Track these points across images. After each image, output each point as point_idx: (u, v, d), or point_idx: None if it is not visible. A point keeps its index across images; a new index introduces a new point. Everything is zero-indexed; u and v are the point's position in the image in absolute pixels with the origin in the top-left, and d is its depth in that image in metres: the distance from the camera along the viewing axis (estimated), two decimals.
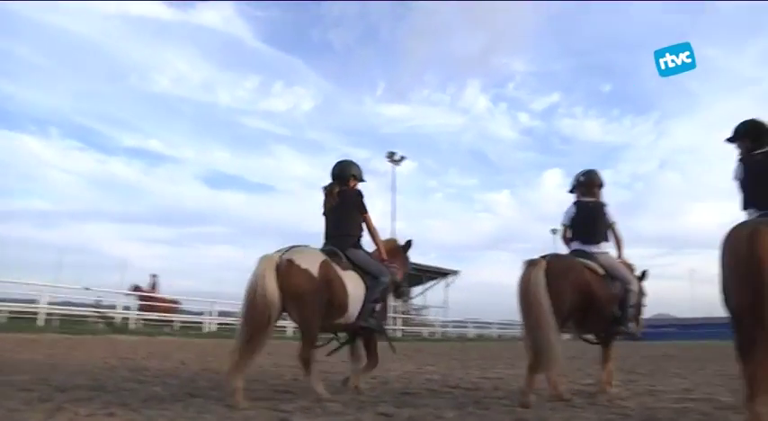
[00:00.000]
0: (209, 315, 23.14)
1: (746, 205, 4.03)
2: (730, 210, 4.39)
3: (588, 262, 4.83)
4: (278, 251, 4.31)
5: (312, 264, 4.27)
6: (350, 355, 5.05)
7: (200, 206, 79.91)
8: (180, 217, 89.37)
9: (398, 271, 5.34)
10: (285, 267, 4.14)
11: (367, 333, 4.89)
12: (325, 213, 5.06)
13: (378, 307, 4.80)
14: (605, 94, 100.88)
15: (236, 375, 3.92)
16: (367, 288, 4.68)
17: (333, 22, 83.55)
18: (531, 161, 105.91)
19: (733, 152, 4.36)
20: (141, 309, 20.94)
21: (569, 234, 5.26)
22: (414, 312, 40.90)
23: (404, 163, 36.42)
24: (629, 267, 5.29)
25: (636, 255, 5.40)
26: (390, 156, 35.20)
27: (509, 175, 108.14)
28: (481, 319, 39.37)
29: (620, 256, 5.22)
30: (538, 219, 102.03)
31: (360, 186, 5.23)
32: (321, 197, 5.11)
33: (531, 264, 4.50)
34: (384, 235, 5.43)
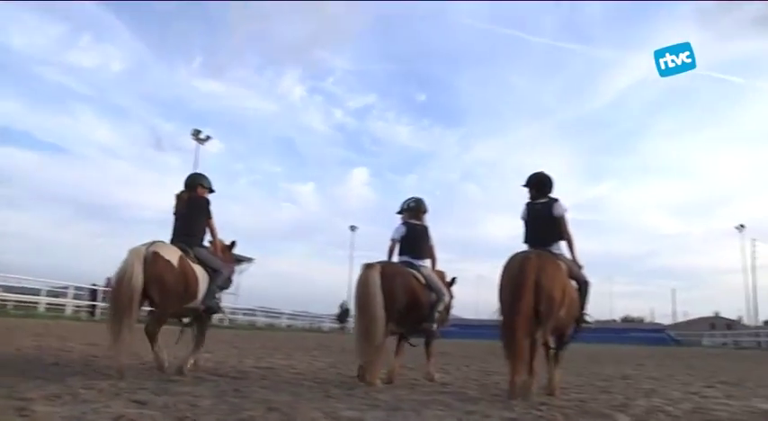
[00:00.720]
0: None
1: (526, 240, 5.47)
2: (519, 225, 5.39)
3: (414, 271, 5.88)
4: (143, 244, 5.09)
5: (173, 256, 5.19)
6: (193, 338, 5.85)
7: None
8: None
9: (229, 267, 6.20)
10: (152, 258, 4.97)
11: (203, 318, 5.85)
12: (175, 215, 5.83)
13: (218, 294, 5.84)
14: (419, 103, 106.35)
15: (118, 352, 4.70)
16: (210, 279, 5.61)
17: None
18: (340, 157, 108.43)
19: (524, 195, 5.57)
20: None
21: (396, 248, 6.20)
22: None
23: (210, 142, 35.66)
24: (442, 275, 6.54)
25: None
26: (196, 133, 34.06)
27: (316, 168, 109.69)
28: (272, 308, 39.00)
29: (434, 268, 6.35)
30: (339, 214, 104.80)
31: (209, 195, 6.09)
32: (173, 201, 5.86)
33: (368, 267, 5.42)
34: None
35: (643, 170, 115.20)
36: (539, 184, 5.53)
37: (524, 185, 5.62)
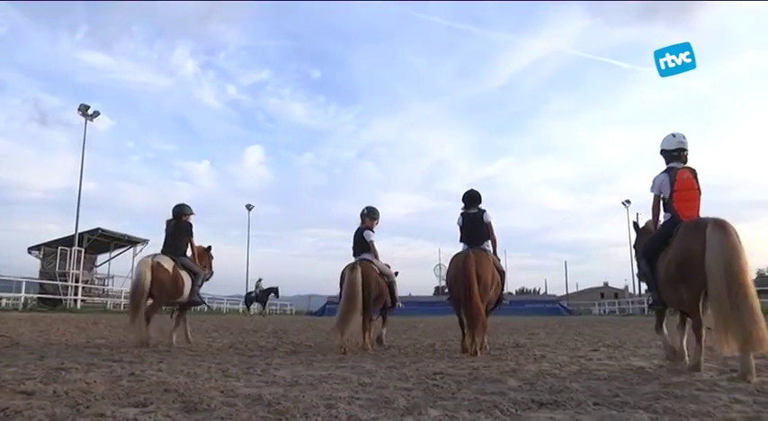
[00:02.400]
0: None
1: (463, 240, 7.22)
2: (416, 203, 6.09)
3: (375, 266, 7.76)
4: (148, 256, 7.63)
5: (169, 265, 7.59)
6: (174, 321, 8.14)
7: None
8: None
9: (206, 267, 8.64)
10: (156, 266, 7.40)
11: (188, 306, 8.30)
12: (166, 233, 8.04)
13: (199, 290, 8.19)
14: (314, 81, 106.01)
15: (136, 331, 7.10)
16: (192, 280, 7.94)
17: None
18: (235, 134, 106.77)
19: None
20: None
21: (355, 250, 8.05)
22: (98, 282, 38.14)
23: (99, 118, 33.66)
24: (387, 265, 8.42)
25: (328, 237, 8.24)
26: (84, 109, 32.16)
27: (211, 146, 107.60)
28: None
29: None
30: (235, 193, 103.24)
31: (192, 218, 8.36)
32: (164, 225, 8.16)
33: (352, 268, 7.25)
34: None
35: (536, 149, 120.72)
36: (470, 199, 7.31)
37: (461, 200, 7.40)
